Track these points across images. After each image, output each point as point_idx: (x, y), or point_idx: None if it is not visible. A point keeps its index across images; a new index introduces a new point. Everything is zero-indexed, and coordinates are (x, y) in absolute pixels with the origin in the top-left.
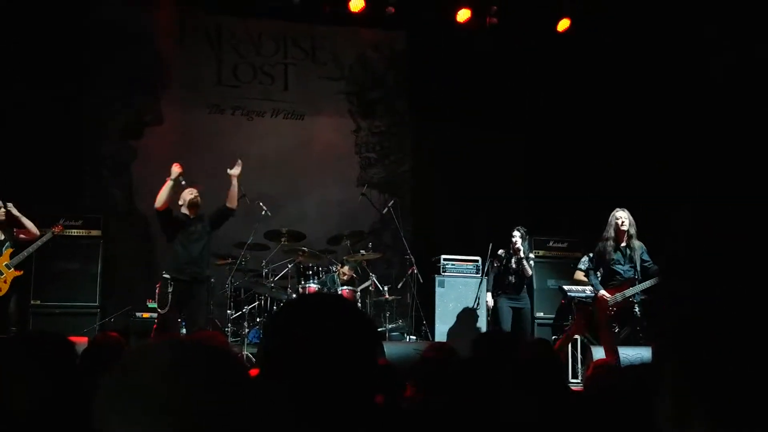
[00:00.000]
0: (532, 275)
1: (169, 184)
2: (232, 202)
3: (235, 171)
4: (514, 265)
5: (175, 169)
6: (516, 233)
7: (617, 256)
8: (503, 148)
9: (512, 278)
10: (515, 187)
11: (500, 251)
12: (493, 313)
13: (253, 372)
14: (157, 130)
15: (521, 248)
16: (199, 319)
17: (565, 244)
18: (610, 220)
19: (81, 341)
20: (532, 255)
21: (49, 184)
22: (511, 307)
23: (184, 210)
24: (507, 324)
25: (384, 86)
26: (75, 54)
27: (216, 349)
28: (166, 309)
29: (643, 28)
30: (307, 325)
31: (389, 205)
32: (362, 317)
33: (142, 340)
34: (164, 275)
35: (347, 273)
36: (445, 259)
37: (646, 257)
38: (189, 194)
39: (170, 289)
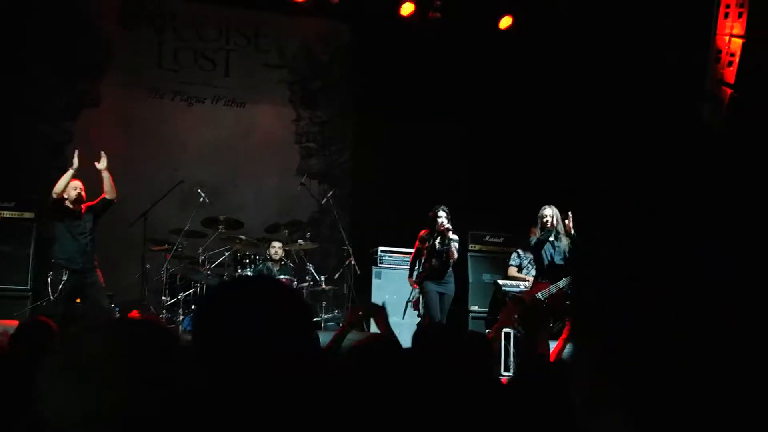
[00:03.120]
0: (456, 258)
1: (70, 173)
2: (111, 194)
3: (102, 164)
4: (438, 246)
5: (75, 160)
6: (441, 213)
7: (547, 250)
8: (444, 141)
9: (435, 261)
10: (455, 182)
11: (422, 233)
12: (420, 296)
13: None
14: (95, 112)
15: (449, 227)
16: (101, 306)
17: (500, 239)
18: (538, 216)
19: (11, 324)
20: (455, 237)
21: None
22: (437, 291)
23: (69, 204)
24: (436, 309)
25: (326, 76)
26: (13, 33)
27: (148, 323)
28: (58, 296)
29: (588, 25)
30: (241, 304)
31: (328, 195)
32: (297, 298)
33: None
34: (57, 263)
35: (278, 250)
36: (382, 251)
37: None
38: (73, 190)
39: (65, 278)
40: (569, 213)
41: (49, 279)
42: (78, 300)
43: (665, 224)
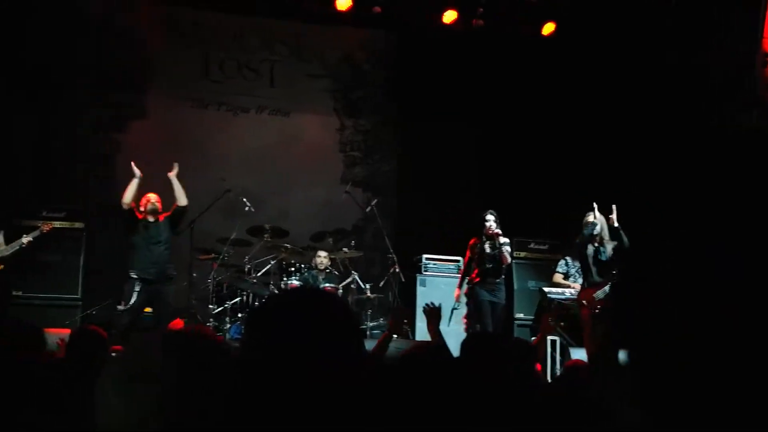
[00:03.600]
0: (510, 263)
1: (134, 182)
2: (181, 200)
3: (173, 173)
4: (489, 250)
5: (136, 170)
6: (489, 216)
7: (593, 256)
8: (488, 148)
9: (487, 266)
10: (499, 189)
11: (471, 241)
12: (473, 304)
13: None
14: (142, 124)
15: (499, 231)
16: (164, 317)
17: (546, 246)
18: (583, 223)
19: (63, 332)
20: (506, 240)
21: (33, 175)
22: (489, 300)
23: (145, 214)
24: (488, 317)
25: (369, 85)
26: (61, 48)
27: (202, 335)
28: (130, 305)
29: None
30: (288, 314)
31: (372, 203)
32: (345, 310)
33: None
34: (131, 275)
35: (324, 259)
36: (426, 259)
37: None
38: (149, 200)
39: (138, 288)
40: (613, 207)
41: (124, 289)
42: (147, 309)
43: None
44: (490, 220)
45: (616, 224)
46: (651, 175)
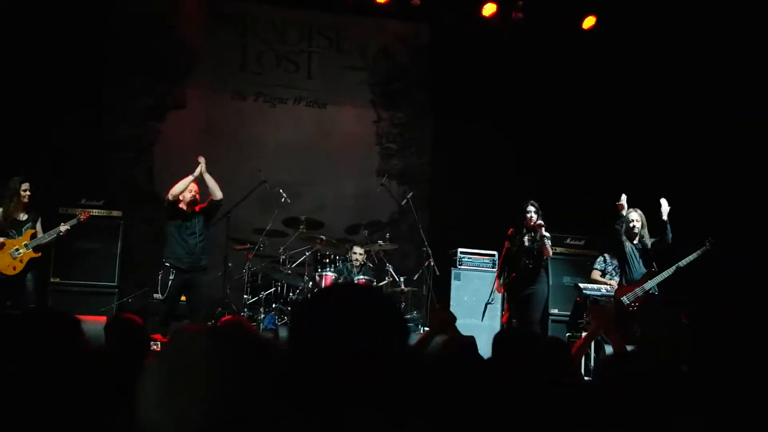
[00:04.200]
0: (550, 256)
1: (190, 178)
2: (216, 195)
3: (199, 169)
4: (528, 243)
5: (201, 165)
6: (530, 207)
7: (632, 253)
8: (524, 143)
9: (526, 260)
10: (535, 183)
11: (510, 231)
12: (510, 298)
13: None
14: (180, 114)
15: (541, 223)
16: (201, 308)
17: (582, 242)
18: (623, 220)
19: (99, 320)
20: (547, 234)
21: (71, 163)
22: (525, 294)
23: (183, 206)
24: (525, 311)
25: (407, 78)
26: (101, 39)
27: (248, 336)
28: (166, 294)
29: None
30: (338, 313)
31: (408, 196)
32: (393, 307)
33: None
34: (165, 263)
35: (361, 253)
36: (461, 253)
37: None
38: (189, 193)
39: (172, 277)
40: (662, 200)
41: (159, 278)
42: (182, 299)
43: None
44: (531, 211)
45: (665, 217)
46: (692, 171)
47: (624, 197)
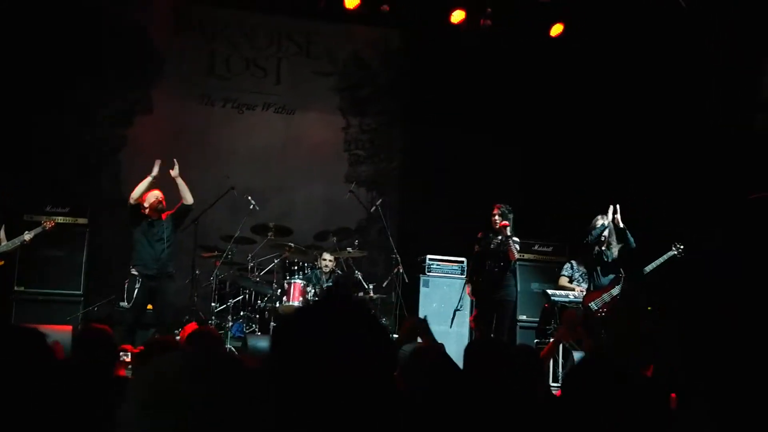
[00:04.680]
0: (517, 260)
1: (148, 180)
2: (187, 199)
3: (174, 172)
4: (493, 246)
5: (156, 168)
6: (496, 210)
7: (600, 259)
8: (492, 149)
9: (491, 263)
10: (504, 189)
11: (479, 234)
12: (478, 302)
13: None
14: (147, 119)
15: (506, 223)
16: (166, 315)
17: (549, 248)
18: (592, 225)
19: (64, 329)
20: (516, 239)
21: (36, 170)
22: (494, 299)
23: (148, 212)
24: (490, 322)
25: (376, 84)
26: (67, 43)
27: (228, 358)
28: (132, 302)
29: (634, 34)
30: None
31: (377, 203)
32: (379, 327)
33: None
34: (132, 272)
35: (330, 260)
36: (430, 259)
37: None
38: (154, 198)
39: (138, 285)
40: (617, 206)
41: (125, 286)
42: (149, 307)
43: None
44: (496, 214)
45: (621, 225)
46: (656, 177)
47: (611, 209)
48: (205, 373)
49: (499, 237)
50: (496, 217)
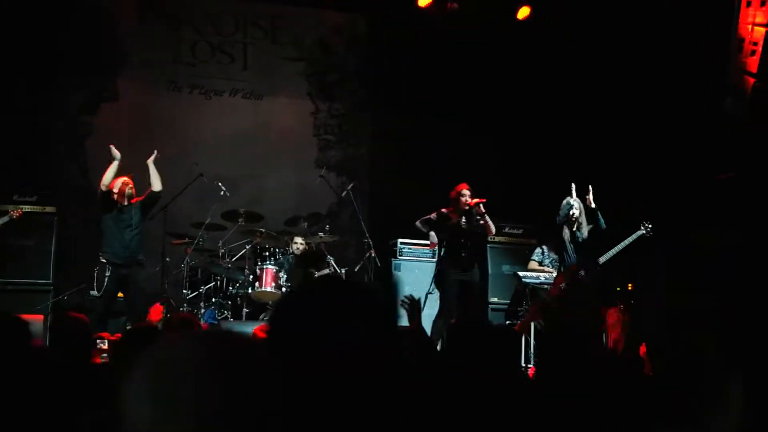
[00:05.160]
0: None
1: (114, 165)
2: (155, 185)
3: (150, 159)
4: (465, 226)
5: (114, 151)
6: (467, 188)
7: (570, 240)
8: (460, 133)
9: (465, 243)
10: (474, 173)
11: (443, 210)
12: (439, 285)
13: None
14: (114, 107)
15: (483, 200)
16: (137, 303)
17: (520, 231)
18: (562, 205)
19: (36, 318)
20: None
21: (2, 159)
22: (458, 279)
23: (117, 197)
24: (452, 300)
25: (344, 69)
26: (30, 30)
27: (243, 343)
28: (103, 291)
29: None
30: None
31: (348, 188)
32: (378, 303)
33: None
34: (102, 259)
35: (302, 243)
36: (402, 243)
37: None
38: (122, 183)
39: (108, 273)
40: (589, 187)
41: (95, 274)
42: (120, 295)
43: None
44: (467, 195)
45: (593, 205)
46: (628, 159)
47: (573, 188)
48: (226, 363)
49: (473, 217)
50: (467, 197)
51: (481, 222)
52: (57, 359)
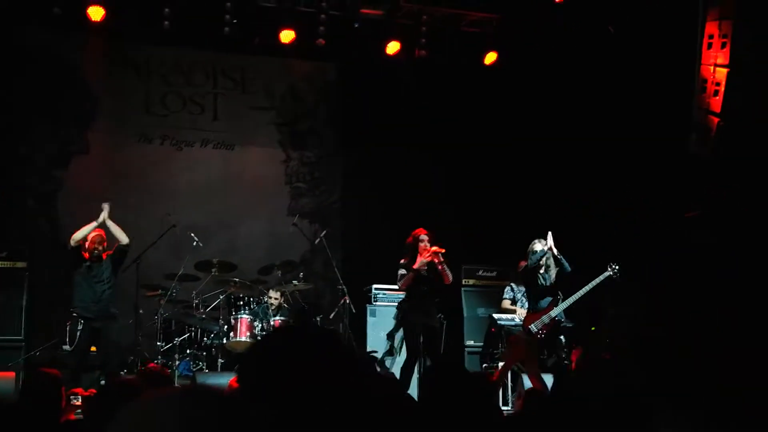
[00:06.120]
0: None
1: (93, 224)
2: (122, 239)
3: (103, 216)
4: (425, 273)
5: (105, 213)
6: (425, 233)
7: (538, 282)
8: (433, 177)
9: (423, 288)
10: (445, 217)
11: (404, 260)
12: (404, 329)
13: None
14: (83, 160)
15: (442, 249)
16: (112, 357)
17: (494, 273)
18: (528, 251)
19: (7, 376)
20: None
21: None
22: (421, 324)
23: (87, 253)
24: (417, 343)
25: (314, 117)
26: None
27: (219, 399)
28: (75, 346)
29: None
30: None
31: (321, 235)
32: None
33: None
34: (73, 313)
35: (276, 298)
36: (376, 289)
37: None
38: (92, 239)
39: (80, 327)
40: (549, 234)
41: (67, 329)
42: (93, 349)
43: None
44: (425, 240)
45: (555, 252)
46: (597, 200)
47: (549, 235)
48: (203, 421)
49: (429, 263)
50: (426, 243)
51: (440, 268)
52: (28, 416)
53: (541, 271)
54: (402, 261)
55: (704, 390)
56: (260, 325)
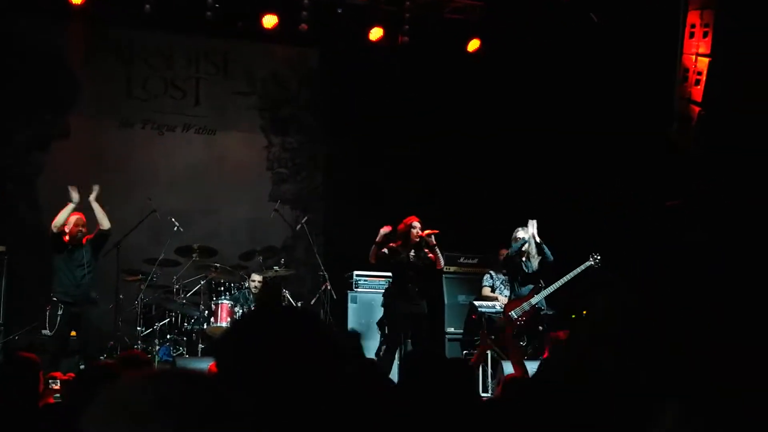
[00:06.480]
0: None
1: (69, 207)
2: (103, 224)
3: (92, 197)
4: (413, 259)
5: (74, 194)
6: (417, 221)
7: (520, 269)
8: (415, 163)
9: (411, 274)
10: (427, 204)
11: (392, 245)
12: (388, 315)
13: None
14: (64, 144)
15: (436, 231)
16: (91, 342)
17: (475, 260)
18: (512, 239)
19: None
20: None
21: None
22: (409, 312)
23: (67, 238)
24: (398, 333)
25: (296, 102)
26: None
27: (198, 381)
28: (55, 330)
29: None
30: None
31: (303, 221)
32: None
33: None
34: (53, 298)
35: (257, 284)
36: (357, 275)
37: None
38: (73, 222)
39: (60, 312)
40: (533, 222)
41: (47, 313)
42: (73, 334)
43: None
44: (417, 227)
45: (537, 239)
46: (578, 189)
47: (530, 223)
48: (181, 403)
49: (421, 249)
50: (417, 229)
51: (430, 255)
52: (6, 400)
53: (524, 259)
54: (392, 245)
55: (695, 386)
56: (241, 311)
